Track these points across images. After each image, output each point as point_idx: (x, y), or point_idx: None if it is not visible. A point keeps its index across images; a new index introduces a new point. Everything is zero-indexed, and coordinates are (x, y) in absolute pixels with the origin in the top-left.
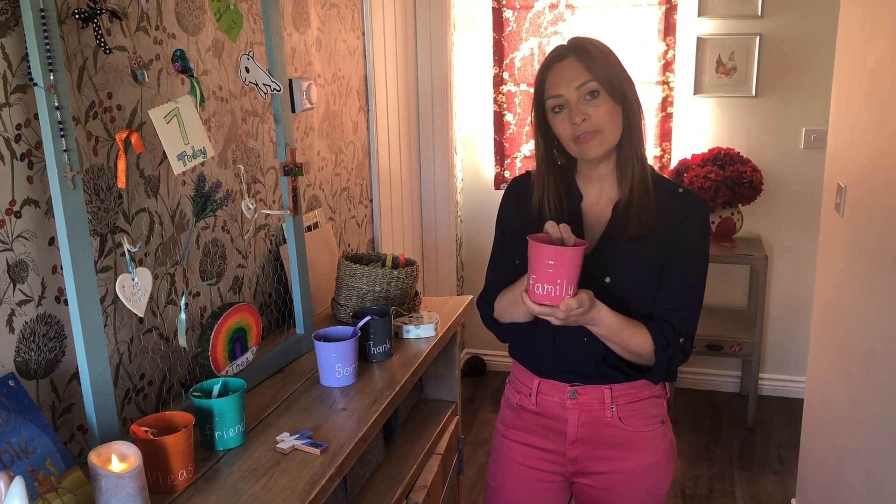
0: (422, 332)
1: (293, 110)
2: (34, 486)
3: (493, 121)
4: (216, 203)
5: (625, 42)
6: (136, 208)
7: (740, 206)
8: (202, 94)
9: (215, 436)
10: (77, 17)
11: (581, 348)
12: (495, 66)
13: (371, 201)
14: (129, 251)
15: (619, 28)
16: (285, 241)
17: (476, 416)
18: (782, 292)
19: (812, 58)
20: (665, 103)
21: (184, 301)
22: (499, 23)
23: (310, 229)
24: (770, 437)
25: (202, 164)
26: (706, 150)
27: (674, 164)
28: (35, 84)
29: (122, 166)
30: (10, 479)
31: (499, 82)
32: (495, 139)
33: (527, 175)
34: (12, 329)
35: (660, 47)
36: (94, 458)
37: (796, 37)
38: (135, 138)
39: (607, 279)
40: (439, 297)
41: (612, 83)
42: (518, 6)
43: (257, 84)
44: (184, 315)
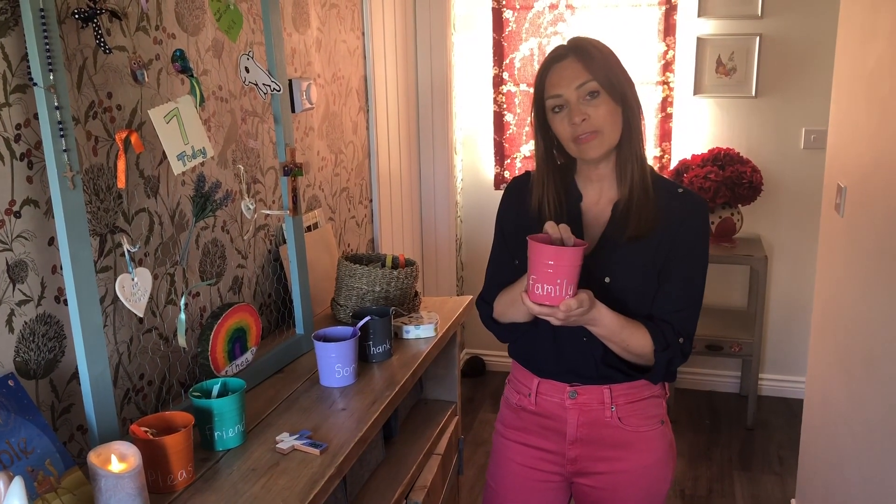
0: (421, 332)
1: (293, 110)
2: (33, 486)
3: (493, 121)
4: (216, 203)
5: (625, 42)
6: (135, 208)
7: (740, 206)
8: (202, 94)
9: (215, 436)
10: (77, 17)
11: (580, 348)
12: (495, 66)
13: (371, 201)
14: (128, 251)
15: (619, 28)
16: (285, 242)
17: (476, 416)
18: (782, 292)
19: (812, 58)
20: (665, 103)
21: (183, 301)
22: (499, 23)
23: (309, 229)
24: (770, 438)
25: (202, 164)
26: (706, 151)
27: (673, 164)
28: (35, 84)
29: (121, 166)
30: (10, 480)
31: (499, 82)
32: (495, 139)
33: (526, 175)
34: (12, 329)
35: (660, 47)
36: (93, 458)
37: (796, 37)
38: (134, 138)
39: (607, 279)
40: (439, 298)
41: (612, 83)
42: (518, 6)
43: (257, 84)
44: (183, 315)
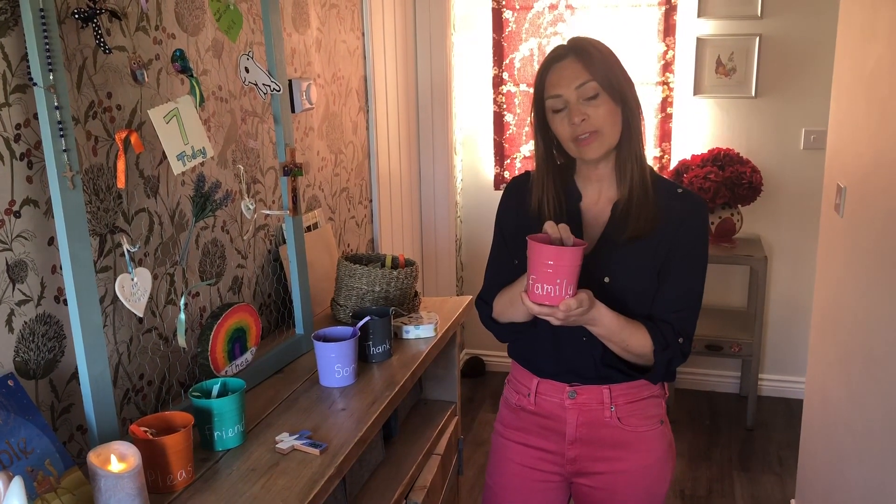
0: (421, 332)
1: (293, 110)
2: (33, 486)
3: (493, 121)
4: (216, 203)
5: (624, 42)
6: (135, 208)
7: (740, 206)
8: (202, 94)
9: (214, 436)
10: (77, 16)
11: (580, 348)
12: (495, 66)
13: (371, 201)
14: (128, 251)
15: (619, 28)
16: (285, 242)
17: (475, 416)
18: (782, 293)
19: (812, 58)
20: (665, 104)
21: (183, 301)
22: (498, 23)
23: (309, 229)
24: (769, 438)
25: (202, 164)
26: (706, 151)
27: (673, 164)
28: (34, 84)
29: (121, 166)
30: (10, 480)
31: (498, 83)
32: (495, 139)
33: (526, 175)
34: (11, 329)
35: (659, 48)
36: (93, 458)
37: (796, 37)
38: (134, 138)
39: (606, 279)
40: (439, 298)
41: (612, 83)
42: (518, 7)
43: (257, 84)
44: (183, 315)
